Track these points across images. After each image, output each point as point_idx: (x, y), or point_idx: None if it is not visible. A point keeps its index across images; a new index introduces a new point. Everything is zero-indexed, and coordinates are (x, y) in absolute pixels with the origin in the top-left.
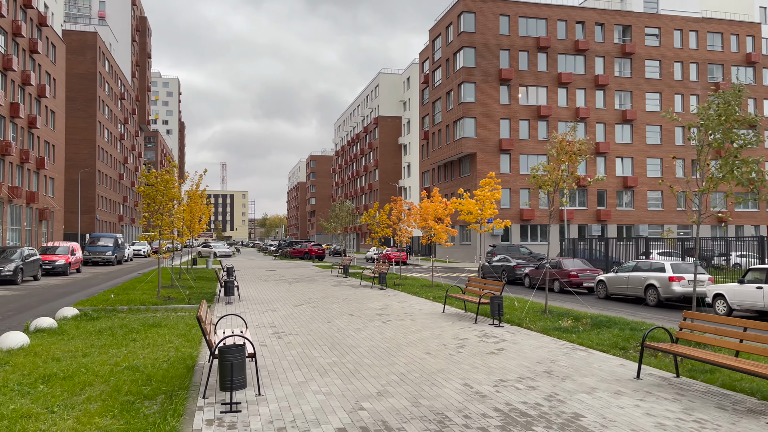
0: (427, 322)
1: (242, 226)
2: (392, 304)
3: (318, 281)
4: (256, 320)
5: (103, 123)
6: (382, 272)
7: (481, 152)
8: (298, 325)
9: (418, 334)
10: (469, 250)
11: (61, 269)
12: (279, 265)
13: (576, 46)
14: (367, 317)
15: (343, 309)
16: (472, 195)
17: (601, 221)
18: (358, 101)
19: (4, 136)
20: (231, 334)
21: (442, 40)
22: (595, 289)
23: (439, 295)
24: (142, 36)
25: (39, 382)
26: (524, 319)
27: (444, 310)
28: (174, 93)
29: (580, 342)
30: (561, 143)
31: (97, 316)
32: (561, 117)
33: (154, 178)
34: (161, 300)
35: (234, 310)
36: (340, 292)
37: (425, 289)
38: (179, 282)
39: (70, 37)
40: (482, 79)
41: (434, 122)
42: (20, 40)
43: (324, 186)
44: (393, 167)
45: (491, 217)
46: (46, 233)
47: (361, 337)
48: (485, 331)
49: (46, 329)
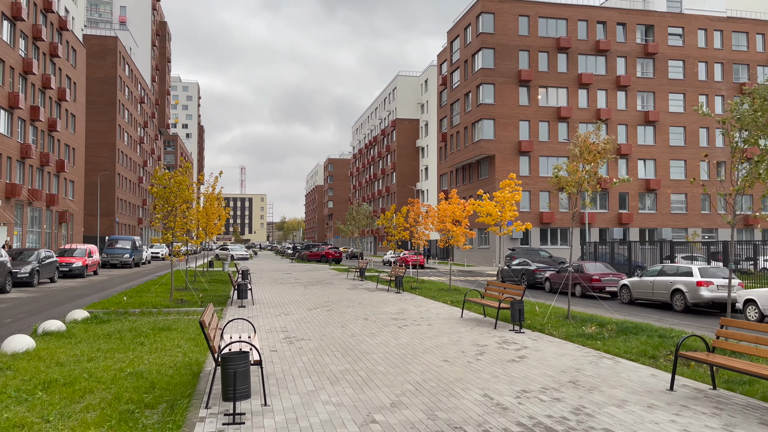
0: (444, 327)
1: (261, 229)
2: (408, 309)
3: (334, 284)
4: (267, 324)
5: (123, 126)
6: (398, 275)
7: (500, 154)
8: (310, 329)
9: (435, 340)
10: (487, 253)
11: (78, 271)
12: (295, 268)
13: (597, 47)
14: (382, 322)
15: (357, 313)
16: (492, 197)
17: (623, 224)
18: (376, 104)
19: (25, 139)
20: (237, 339)
21: (461, 42)
22: (619, 294)
23: (457, 300)
24: (162, 40)
25: (38, 388)
26: (546, 325)
27: (462, 315)
28: (194, 97)
29: (606, 350)
30: (584, 142)
31: (108, 319)
32: (581, 118)
33: (167, 179)
34: (173, 303)
35: (246, 314)
36: (355, 296)
37: (443, 293)
38: (194, 285)
39: (91, 42)
40: (501, 81)
41: (452, 124)
42: (40, 44)
43: (342, 189)
44: (411, 170)
45: (511, 220)
46: (66, 236)
47: (375, 343)
48: (505, 338)
49: (54, 332)
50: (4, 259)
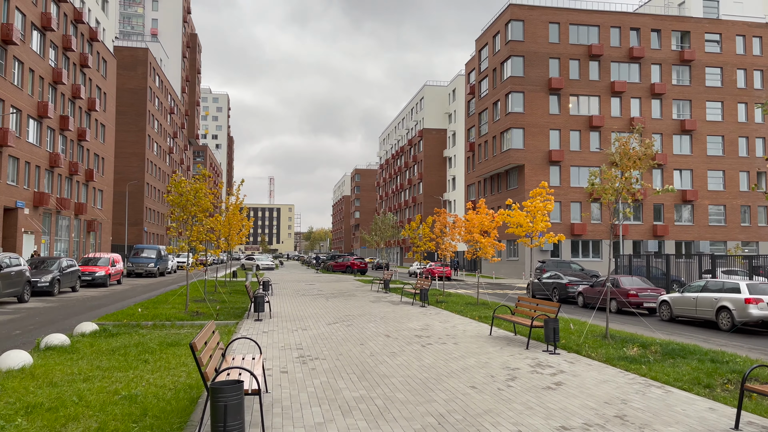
0: (471, 346)
1: (288, 239)
2: (433, 324)
3: (356, 297)
4: (282, 341)
5: (152, 137)
6: (423, 288)
7: (530, 164)
8: (327, 347)
9: (461, 361)
10: (516, 265)
11: (100, 281)
12: (319, 279)
13: (630, 54)
14: (404, 339)
15: (379, 329)
16: (522, 207)
17: (658, 237)
18: (403, 114)
19: (54, 148)
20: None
21: (489, 50)
22: (658, 311)
23: (485, 315)
24: (192, 52)
25: (20, 413)
26: (583, 346)
27: (491, 333)
28: (223, 108)
29: (653, 376)
30: (623, 147)
31: (117, 332)
32: (614, 127)
33: (184, 186)
34: (188, 315)
35: (262, 329)
36: (378, 310)
37: (470, 307)
38: (214, 296)
39: (122, 53)
40: (531, 89)
41: (480, 134)
42: (71, 55)
43: (368, 200)
44: (438, 180)
45: (543, 231)
46: (94, 244)
47: (396, 365)
48: (539, 360)
49: (57, 347)
50: (23, 267)
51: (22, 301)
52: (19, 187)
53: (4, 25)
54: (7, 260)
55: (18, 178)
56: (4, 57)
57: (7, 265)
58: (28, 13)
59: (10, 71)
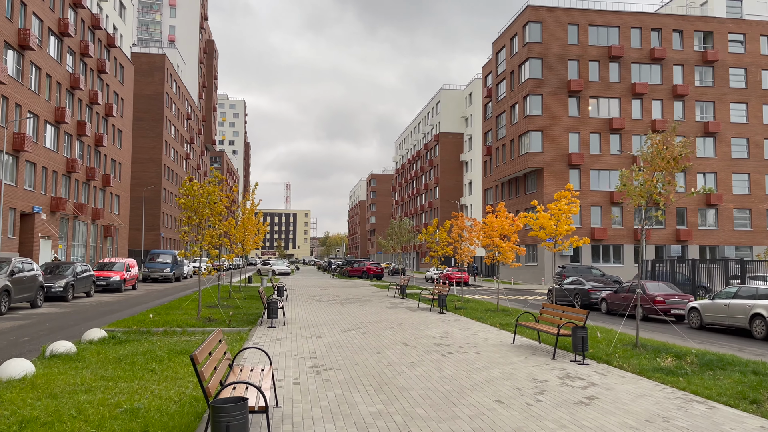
0: (494, 356)
1: (304, 244)
2: (453, 332)
3: (373, 302)
4: (295, 349)
5: (169, 142)
6: (441, 294)
7: (549, 167)
8: (342, 356)
9: (484, 372)
10: (535, 270)
11: (115, 286)
12: (335, 284)
13: (651, 55)
14: (423, 348)
15: (396, 336)
16: (546, 209)
17: (681, 242)
18: (419, 118)
19: (71, 154)
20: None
21: (507, 52)
22: (687, 318)
23: (507, 322)
24: (209, 58)
25: (13, 428)
26: (613, 355)
27: (514, 341)
28: (240, 114)
29: (693, 390)
30: (657, 146)
31: (126, 339)
32: (635, 130)
33: (196, 189)
34: (200, 322)
35: (275, 336)
36: (395, 316)
37: (490, 313)
38: (228, 302)
39: (140, 59)
40: (549, 91)
41: (498, 137)
42: (88, 60)
43: (384, 204)
44: (454, 185)
45: (567, 234)
46: (111, 250)
47: (415, 375)
48: (567, 371)
49: (62, 355)
50: (36, 273)
51: (35, 307)
52: (36, 192)
53: (21, 31)
54: (20, 265)
55: (35, 183)
56: (21, 62)
57: (19, 270)
58: (45, 18)
59: (28, 76)
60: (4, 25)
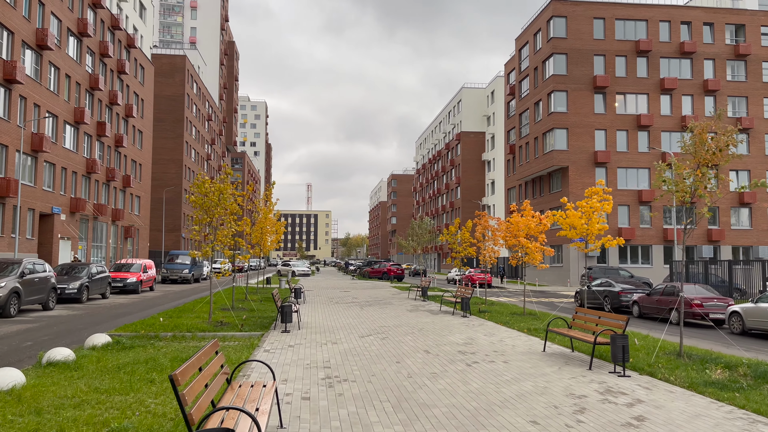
0: (525, 365)
1: (325, 245)
2: (478, 338)
3: (393, 305)
4: (309, 356)
5: (190, 143)
6: (465, 297)
7: (574, 166)
8: (359, 365)
9: (515, 385)
10: (560, 272)
11: (132, 287)
12: (355, 286)
13: (681, 49)
14: (446, 356)
15: (417, 343)
16: (576, 207)
17: (713, 242)
18: (440, 117)
19: (91, 154)
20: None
21: (530, 48)
22: (728, 323)
23: (535, 327)
24: (230, 59)
25: None
26: (655, 366)
27: (545, 349)
28: (261, 116)
29: (755, 408)
30: (700, 136)
31: (131, 345)
32: (664, 126)
33: (207, 187)
34: (211, 326)
35: (288, 341)
36: (416, 320)
37: (516, 318)
38: (244, 304)
39: (160, 61)
40: (574, 87)
41: (521, 135)
42: (108, 61)
43: (405, 205)
44: (476, 184)
45: (600, 233)
46: (132, 251)
47: (438, 389)
48: (608, 384)
49: (59, 363)
50: (48, 274)
51: (46, 309)
52: (55, 193)
53: (39, 30)
54: (30, 266)
55: (54, 183)
56: (40, 62)
57: (30, 272)
58: (64, 18)
59: (46, 77)
60: (22, 25)
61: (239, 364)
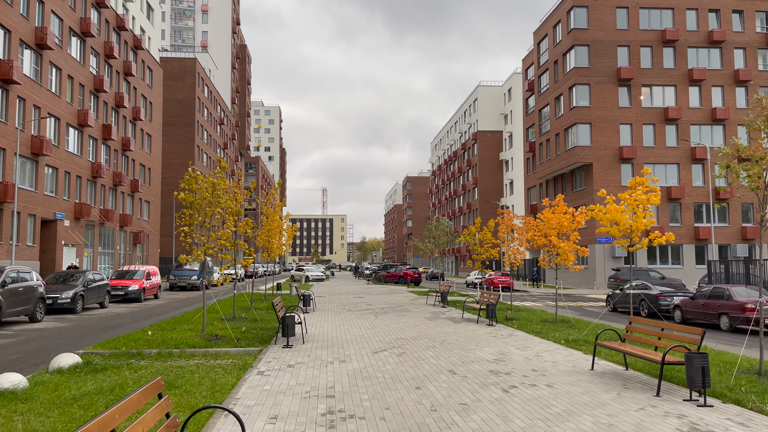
0: (574, 390)
1: (341, 249)
2: (511, 352)
3: (410, 312)
4: (310, 381)
5: (201, 147)
6: (490, 303)
7: (598, 162)
8: (370, 392)
9: (570, 422)
10: (586, 273)
11: (134, 295)
12: (370, 291)
13: (710, 38)
14: (477, 378)
15: (440, 360)
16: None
17: (748, 240)
18: (456, 117)
19: (96, 158)
20: None
21: (549, 41)
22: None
23: (574, 339)
24: (242, 63)
25: None
26: (737, 390)
27: (593, 366)
28: (275, 120)
29: None
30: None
31: (104, 366)
32: (694, 119)
33: (200, 182)
34: (203, 341)
35: (288, 360)
36: (436, 330)
37: (549, 326)
38: (247, 313)
39: (170, 64)
40: (597, 80)
41: (541, 132)
42: (113, 62)
43: (421, 208)
44: (494, 185)
45: (647, 229)
46: (142, 257)
47: (471, 429)
48: (690, 419)
49: (6, 393)
50: (34, 283)
51: (34, 321)
52: (58, 198)
53: (39, 29)
54: (14, 274)
55: (57, 188)
56: (40, 62)
57: (13, 280)
58: (65, 17)
59: (47, 77)
60: (19, 23)
61: (193, 414)
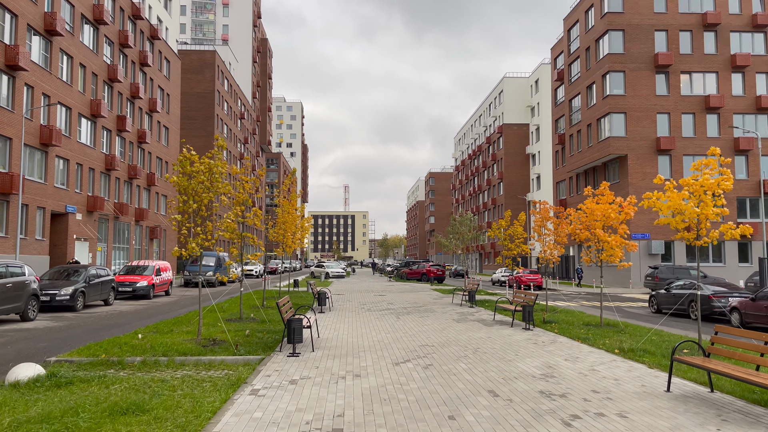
0: (658, 423)
1: (363, 246)
2: (559, 365)
3: (436, 313)
4: (314, 405)
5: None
6: (527, 305)
7: (633, 154)
8: (389, 423)
9: None
10: (620, 272)
11: (142, 292)
12: (391, 288)
13: (754, 21)
14: (525, 403)
15: (475, 375)
16: (678, 186)
17: None
18: (480, 111)
19: (110, 150)
20: None
21: (581, 27)
22: None
23: (630, 348)
24: (263, 57)
25: None
26: None
27: (669, 387)
28: (297, 116)
29: None
30: None
31: (70, 379)
32: (737, 108)
33: (194, 165)
34: (198, 346)
35: (292, 373)
36: (467, 334)
37: (594, 330)
38: (256, 313)
39: (189, 57)
40: (633, 67)
41: (571, 123)
42: (128, 52)
43: (444, 204)
44: (520, 179)
45: (717, 220)
46: (158, 252)
47: None
48: None
49: None
50: (26, 278)
51: (25, 320)
52: (69, 191)
53: (48, 15)
54: (2, 269)
55: (68, 181)
56: (49, 49)
57: (0, 276)
58: (77, 4)
59: (57, 65)
60: (27, 7)
61: None
